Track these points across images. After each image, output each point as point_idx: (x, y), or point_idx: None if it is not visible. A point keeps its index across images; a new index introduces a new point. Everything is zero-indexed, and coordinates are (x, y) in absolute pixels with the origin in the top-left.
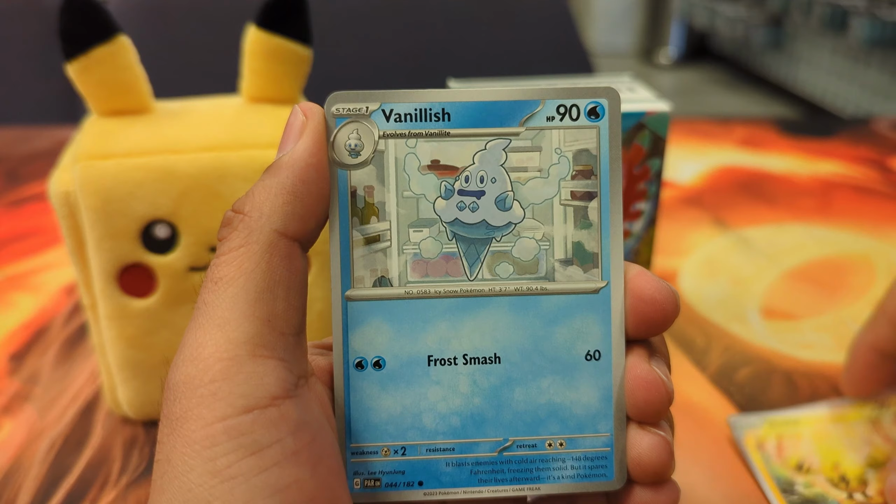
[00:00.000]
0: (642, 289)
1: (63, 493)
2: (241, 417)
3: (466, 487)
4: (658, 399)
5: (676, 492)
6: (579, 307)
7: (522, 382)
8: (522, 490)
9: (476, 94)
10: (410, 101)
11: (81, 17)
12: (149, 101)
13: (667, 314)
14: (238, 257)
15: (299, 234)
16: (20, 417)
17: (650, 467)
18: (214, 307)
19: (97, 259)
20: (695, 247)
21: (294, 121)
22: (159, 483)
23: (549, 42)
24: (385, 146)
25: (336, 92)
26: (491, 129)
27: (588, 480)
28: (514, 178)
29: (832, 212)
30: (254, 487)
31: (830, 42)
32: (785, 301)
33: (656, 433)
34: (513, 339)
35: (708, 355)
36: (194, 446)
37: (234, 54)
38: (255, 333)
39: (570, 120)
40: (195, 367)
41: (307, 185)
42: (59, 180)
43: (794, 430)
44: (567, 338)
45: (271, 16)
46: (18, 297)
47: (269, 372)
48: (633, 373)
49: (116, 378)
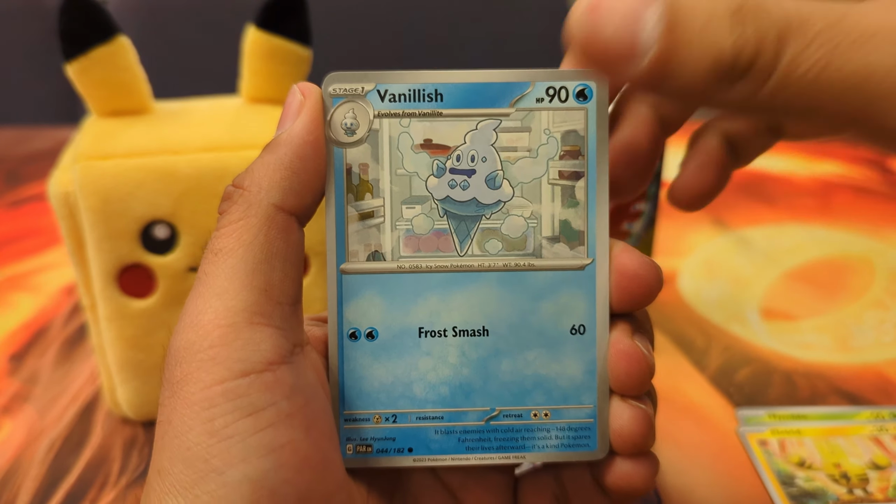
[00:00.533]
0: (626, 265)
1: (62, 494)
2: (239, 381)
3: (454, 455)
4: (640, 372)
5: (656, 464)
6: (565, 283)
7: (509, 354)
8: (508, 458)
9: (468, 76)
10: (405, 82)
11: (81, 18)
12: (148, 101)
13: (651, 289)
14: (237, 229)
15: (296, 209)
16: (20, 418)
17: (631, 439)
18: (214, 277)
19: (97, 259)
20: (694, 247)
21: (292, 100)
22: (160, 443)
23: (548, 41)
24: (380, 125)
25: (333, 72)
26: (482, 110)
27: (572, 450)
28: (503, 157)
29: (832, 212)
30: (249, 447)
31: None
32: (784, 301)
33: (637, 406)
34: (501, 312)
35: (708, 355)
36: (193, 407)
37: (233, 55)
38: (252, 302)
39: (559, 102)
40: (195, 333)
41: (304, 162)
42: (59, 181)
43: (797, 435)
44: (553, 312)
45: (271, 16)
46: (18, 298)
47: (265, 339)
48: (616, 347)
49: (116, 378)
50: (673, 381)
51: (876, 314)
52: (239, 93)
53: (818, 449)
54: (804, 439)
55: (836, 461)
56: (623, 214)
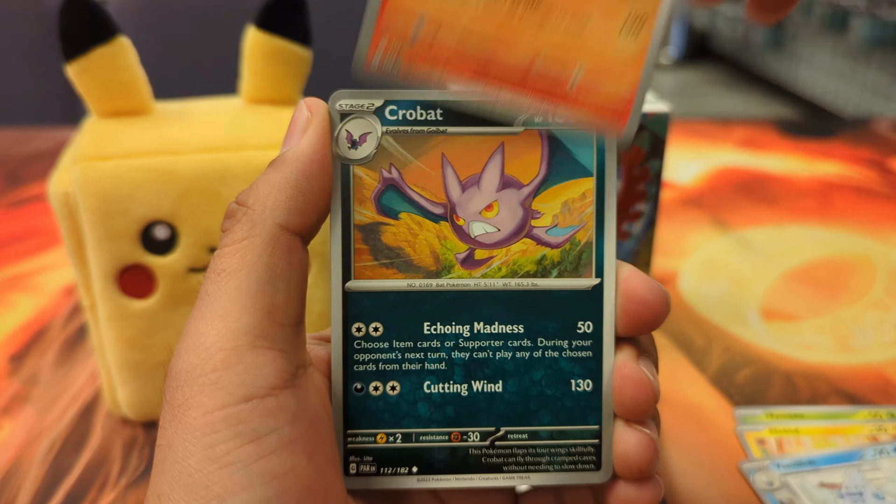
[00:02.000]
0: (635, 290)
1: (62, 494)
2: (241, 406)
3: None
4: (645, 398)
5: (660, 489)
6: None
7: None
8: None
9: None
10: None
11: (81, 18)
12: (148, 102)
13: (658, 315)
14: (241, 249)
15: (301, 228)
16: (20, 418)
17: (636, 464)
18: (217, 298)
19: (97, 260)
20: (695, 248)
21: (299, 116)
22: (160, 467)
23: None
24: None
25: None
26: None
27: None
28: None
29: (832, 213)
30: (252, 474)
31: (831, 42)
32: (785, 302)
33: (642, 431)
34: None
35: (708, 356)
36: (195, 433)
37: (233, 55)
38: (255, 324)
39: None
40: (197, 356)
41: (310, 181)
42: (59, 181)
43: (795, 434)
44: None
45: (271, 17)
46: (18, 298)
47: (268, 362)
48: (621, 371)
49: (116, 379)
50: (673, 382)
51: (876, 315)
52: (239, 93)
53: (816, 448)
54: (802, 438)
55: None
56: (623, 215)
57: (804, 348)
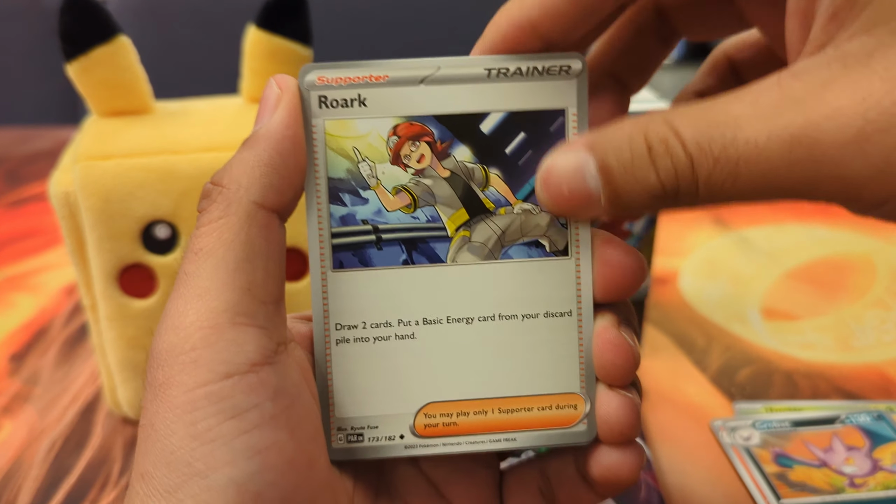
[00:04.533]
0: (611, 255)
1: (63, 494)
2: (222, 383)
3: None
4: (626, 362)
5: (642, 454)
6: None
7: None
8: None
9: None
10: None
11: (81, 18)
12: (149, 101)
13: (636, 279)
14: (218, 228)
15: (277, 206)
16: (20, 418)
17: (618, 427)
18: (195, 277)
19: (97, 259)
20: (695, 247)
21: (269, 94)
22: (143, 447)
23: None
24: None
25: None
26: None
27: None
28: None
29: (833, 212)
30: (234, 449)
31: None
32: (785, 301)
33: (624, 395)
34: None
35: (708, 355)
36: (176, 411)
37: (234, 55)
38: (235, 302)
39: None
40: (177, 335)
41: (284, 158)
42: (60, 181)
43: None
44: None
45: (271, 16)
46: (19, 298)
47: (248, 339)
48: (602, 336)
49: (116, 378)
50: (674, 381)
51: (877, 314)
52: (239, 93)
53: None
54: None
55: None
56: None
57: (805, 347)
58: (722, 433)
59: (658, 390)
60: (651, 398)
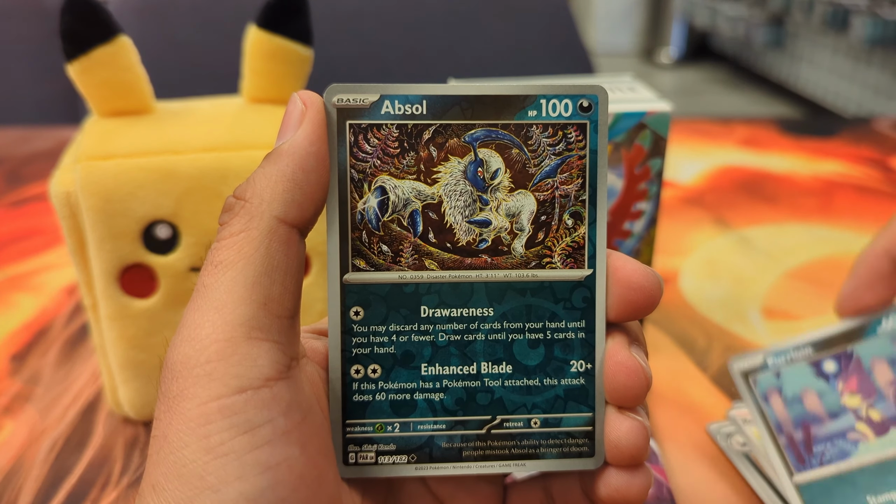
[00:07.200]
0: (629, 276)
1: (64, 494)
2: (235, 397)
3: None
4: (637, 384)
5: (650, 477)
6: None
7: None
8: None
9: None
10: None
11: (82, 18)
12: (150, 101)
13: (653, 299)
14: (238, 242)
15: (298, 221)
16: (21, 418)
17: (627, 451)
18: (213, 289)
19: (98, 259)
20: (696, 247)
21: (293, 109)
22: (155, 458)
23: (549, 42)
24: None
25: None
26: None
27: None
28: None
29: (833, 211)
30: (245, 464)
31: (832, 41)
32: (786, 301)
33: (634, 418)
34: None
35: (709, 355)
36: (189, 424)
37: (234, 55)
38: (251, 316)
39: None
40: (192, 347)
41: (307, 174)
42: (61, 181)
43: None
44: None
45: (272, 16)
46: (19, 298)
47: (263, 354)
48: (614, 359)
49: (117, 378)
50: (674, 381)
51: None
52: (240, 93)
53: None
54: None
55: None
56: (624, 214)
57: None
58: (718, 438)
59: (658, 390)
60: (651, 398)
